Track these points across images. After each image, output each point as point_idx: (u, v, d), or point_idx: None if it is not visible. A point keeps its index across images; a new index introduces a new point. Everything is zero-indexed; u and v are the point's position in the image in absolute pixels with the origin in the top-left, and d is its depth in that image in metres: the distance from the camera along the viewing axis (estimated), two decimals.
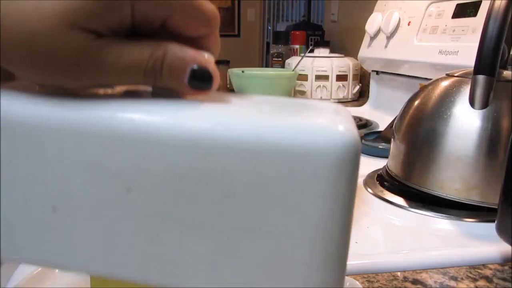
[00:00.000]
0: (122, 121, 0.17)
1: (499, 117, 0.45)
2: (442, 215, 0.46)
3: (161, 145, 0.17)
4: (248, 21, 4.54)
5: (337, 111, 0.20)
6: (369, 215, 0.48)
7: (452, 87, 0.51)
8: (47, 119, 0.18)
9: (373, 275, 0.34)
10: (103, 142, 0.18)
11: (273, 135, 0.17)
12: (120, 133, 0.17)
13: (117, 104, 0.18)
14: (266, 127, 0.17)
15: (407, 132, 0.53)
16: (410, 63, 0.94)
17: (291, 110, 0.20)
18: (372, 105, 1.18)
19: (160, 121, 0.17)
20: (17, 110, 0.18)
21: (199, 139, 0.17)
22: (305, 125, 0.17)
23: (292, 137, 0.17)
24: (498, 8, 0.44)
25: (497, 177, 0.43)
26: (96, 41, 0.17)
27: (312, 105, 0.21)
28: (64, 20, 0.16)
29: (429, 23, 0.90)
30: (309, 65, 1.31)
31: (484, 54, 0.45)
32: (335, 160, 0.17)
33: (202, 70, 0.19)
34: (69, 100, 0.18)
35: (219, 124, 0.17)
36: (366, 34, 1.11)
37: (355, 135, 0.17)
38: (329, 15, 1.84)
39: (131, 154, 0.18)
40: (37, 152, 0.18)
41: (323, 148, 0.17)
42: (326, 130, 0.17)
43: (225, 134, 0.17)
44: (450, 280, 0.34)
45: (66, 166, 0.18)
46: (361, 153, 0.17)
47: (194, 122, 0.17)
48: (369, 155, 0.71)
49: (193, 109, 0.18)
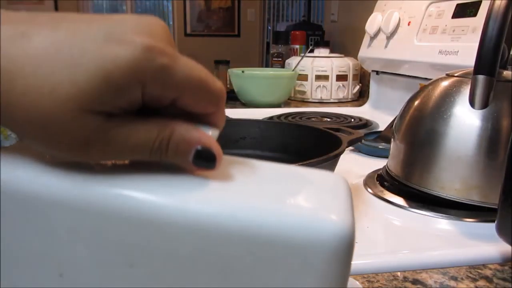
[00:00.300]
0: (127, 200, 0.18)
1: (499, 117, 0.45)
2: (442, 215, 0.46)
3: (164, 227, 0.18)
4: (248, 21, 4.54)
5: (336, 189, 0.21)
6: (369, 215, 0.48)
7: (452, 87, 0.51)
8: (56, 193, 0.19)
9: (373, 275, 0.34)
10: (108, 218, 0.18)
11: (273, 225, 0.18)
12: (125, 211, 0.18)
13: (123, 181, 0.19)
14: (267, 217, 0.18)
15: (407, 132, 0.53)
16: (410, 63, 0.94)
17: (290, 191, 0.21)
18: (372, 105, 1.18)
19: (164, 203, 0.18)
20: (21, 181, 0.19)
21: (201, 223, 0.18)
22: (302, 215, 0.18)
23: (290, 228, 0.18)
24: (498, 8, 0.44)
25: (497, 177, 0.43)
26: (107, 123, 0.18)
27: (311, 180, 0.22)
28: (77, 104, 0.17)
29: (429, 23, 0.90)
30: (309, 65, 1.31)
31: (484, 54, 0.45)
32: (328, 252, 0.18)
33: (206, 151, 0.20)
34: (76, 173, 0.19)
35: (222, 209, 0.18)
36: (366, 34, 1.11)
37: (348, 225, 0.18)
38: (329, 15, 1.84)
39: (135, 232, 0.18)
40: (45, 223, 0.19)
41: (318, 241, 0.17)
42: (322, 222, 0.18)
43: (228, 220, 0.18)
44: (450, 280, 0.34)
45: (72, 238, 0.19)
46: (354, 240, 0.18)
47: (198, 205, 0.18)
48: (369, 155, 0.71)
49: (197, 189, 0.19)
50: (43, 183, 0.19)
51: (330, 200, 0.20)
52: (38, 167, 0.19)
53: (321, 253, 0.17)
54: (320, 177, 0.22)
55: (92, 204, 0.18)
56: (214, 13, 4.52)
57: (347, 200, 0.20)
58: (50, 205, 0.19)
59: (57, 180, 0.19)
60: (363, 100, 1.30)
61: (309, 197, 0.20)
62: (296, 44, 1.61)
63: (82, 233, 0.19)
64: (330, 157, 0.44)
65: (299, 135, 0.58)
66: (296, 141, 0.58)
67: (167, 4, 4.64)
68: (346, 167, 0.62)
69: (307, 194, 0.20)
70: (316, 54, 1.35)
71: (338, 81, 1.31)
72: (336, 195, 0.20)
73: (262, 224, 0.18)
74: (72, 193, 0.18)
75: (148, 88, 0.18)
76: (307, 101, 1.33)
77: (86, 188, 0.19)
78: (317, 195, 0.20)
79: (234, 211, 0.18)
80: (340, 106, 1.28)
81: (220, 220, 0.18)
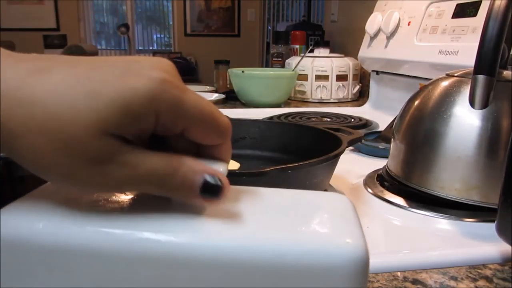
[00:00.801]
0: (149, 242, 0.19)
1: (499, 117, 0.45)
2: (442, 215, 0.46)
3: (191, 264, 0.18)
4: (248, 21, 4.54)
5: (345, 211, 0.22)
6: (369, 215, 0.48)
7: (452, 87, 0.51)
8: (65, 240, 0.19)
9: (373, 275, 0.34)
10: (122, 262, 0.19)
11: (292, 255, 0.18)
12: (147, 254, 0.19)
13: (138, 223, 0.19)
14: (284, 247, 0.19)
15: (407, 132, 0.53)
16: (410, 63, 0.94)
17: (303, 218, 0.21)
18: (372, 105, 1.18)
19: (187, 242, 0.19)
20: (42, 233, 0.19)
21: (225, 260, 0.18)
22: (319, 243, 0.19)
23: (309, 256, 0.18)
24: (498, 8, 0.44)
25: (497, 177, 0.43)
26: (123, 147, 0.20)
27: (319, 204, 0.23)
28: (98, 128, 0.19)
29: (429, 23, 0.90)
30: (309, 65, 1.31)
31: (484, 54, 0.45)
32: (348, 274, 0.18)
33: (213, 184, 0.21)
34: (83, 216, 0.20)
35: (244, 244, 0.19)
36: (366, 34, 1.11)
37: (363, 247, 0.19)
38: (329, 15, 1.84)
39: (159, 273, 0.19)
40: (56, 269, 0.19)
41: (337, 265, 0.18)
42: (339, 247, 0.19)
43: (251, 255, 0.19)
44: (450, 280, 0.34)
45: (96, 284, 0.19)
46: (369, 261, 0.19)
47: (221, 242, 0.19)
48: (369, 155, 0.71)
49: (214, 225, 0.20)
50: (68, 233, 0.19)
51: (342, 223, 0.21)
52: (57, 217, 0.20)
53: (341, 276, 0.18)
54: (326, 200, 0.23)
55: (115, 249, 0.19)
56: (214, 13, 4.52)
57: (356, 221, 0.21)
58: (60, 251, 0.19)
59: (65, 223, 0.19)
60: (363, 100, 1.30)
61: (322, 223, 0.21)
62: (296, 44, 1.61)
63: (107, 280, 0.19)
64: (330, 157, 0.44)
65: (299, 135, 0.58)
66: (296, 141, 0.58)
67: (167, 4, 4.64)
68: (346, 167, 0.62)
69: (319, 220, 0.21)
70: (316, 54, 1.35)
71: (338, 81, 1.31)
72: (346, 218, 0.21)
73: (282, 255, 0.18)
74: (94, 240, 0.19)
75: (162, 116, 0.20)
76: (307, 101, 1.33)
77: (107, 234, 0.19)
78: (329, 220, 0.21)
79: (256, 245, 0.19)
80: (340, 106, 1.28)
81: (243, 255, 0.18)
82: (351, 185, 0.57)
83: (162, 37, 4.78)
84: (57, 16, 4.13)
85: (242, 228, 0.20)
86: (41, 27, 4.09)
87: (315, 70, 1.31)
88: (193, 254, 0.18)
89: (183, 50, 4.48)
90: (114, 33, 4.50)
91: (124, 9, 4.54)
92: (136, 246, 0.19)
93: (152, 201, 0.22)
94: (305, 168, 0.42)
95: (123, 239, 0.19)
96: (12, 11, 3.97)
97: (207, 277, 0.18)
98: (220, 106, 1.24)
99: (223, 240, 0.19)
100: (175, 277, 0.18)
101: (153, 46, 4.72)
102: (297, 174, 0.42)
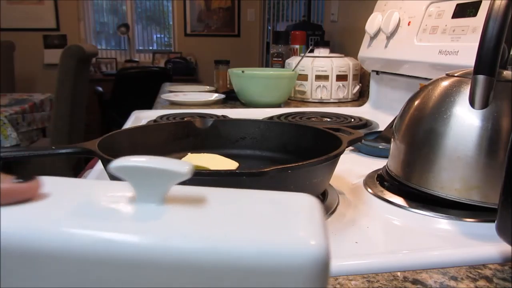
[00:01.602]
0: (107, 244, 0.19)
1: (499, 117, 0.45)
2: (442, 215, 0.46)
3: (146, 266, 0.18)
4: (248, 21, 4.54)
5: (309, 211, 0.22)
6: (369, 215, 0.48)
7: (452, 87, 0.51)
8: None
9: (373, 275, 0.34)
10: (87, 263, 0.19)
11: (252, 255, 0.18)
12: (107, 256, 0.19)
13: (92, 222, 0.19)
14: (244, 248, 0.19)
15: (407, 132, 0.53)
16: (410, 63, 0.94)
17: (264, 220, 0.21)
18: (372, 105, 1.18)
19: (143, 243, 0.19)
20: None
21: (183, 260, 0.18)
22: (280, 243, 0.19)
23: (270, 257, 0.18)
24: (498, 8, 0.44)
25: (497, 177, 0.43)
26: None
27: (283, 204, 0.23)
28: None
29: (429, 23, 0.90)
30: (309, 65, 1.31)
31: (484, 54, 0.45)
32: (309, 274, 0.18)
33: None
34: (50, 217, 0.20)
35: (202, 244, 0.19)
36: (366, 34, 1.11)
37: (324, 247, 0.19)
38: (329, 15, 1.84)
39: (108, 275, 0.19)
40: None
41: (298, 265, 0.18)
42: (300, 247, 0.19)
43: (209, 254, 0.18)
44: (450, 280, 0.34)
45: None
46: (330, 262, 0.19)
47: (178, 242, 0.19)
48: (369, 155, 0.71)
49: (175, 224, 0.20)
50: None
51: (305, 224, 0.20)
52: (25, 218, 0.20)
53: (303, 277, 0.18)
54: (292, 200, 0.23)
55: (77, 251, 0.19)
56: (214, 13, 4.52)
57: (321, 221, 0.21)
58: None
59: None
60: (363, 100, 1.30)
61: (284, 223, 0.21)
62: (296, 44, 1.62)
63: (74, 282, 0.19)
64: (330, 157, 0.44)
65: (299, 135, 0.58)
66: (296, 141, 0.58)
67: (167, 4, 4.63)
68: (346, 167, 0.62)
69: (282, 220, 0.21)
70: (316, 54, 1.35)
71: (338, 81, 1.31)
72: (310, 219, 0.21)
73: (241, 256, 0.18)
74: (57, 242, 0.19)
75: None
76: (307, 101, 1.33)
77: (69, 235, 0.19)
78: (291, 220, 0.21)
79: (214, 245, 0.19)
80: (340, 106, 1.28)
81: (201, 256, 0.18)
82: (351, 185, 0.57)
83: (162, 37, 4.77)
84: (57, 16, 4.13)
85: (201, 229, 0.20)
86: (41, 27, 4.09)
87: (315, 70, 1.31)
88: (148, 255, 0.18)
89: (183, 50, 4.47)
90: (114, 33, 4.49)
91: (124, 9, 4.54)
92: (97, 247, 0.18)
93: (115, 201, 0.21)
94: (305, 168, 0.42)
95: (84, 240, 0.19)
96: (12, 11, 3.97)
97: (163, 278, 0.18)
98: (220, 106, 1.24)
99: (179, 241, 0.19)
100: (133, 279, 0.18)
101: (153, 46, 4.71)
102: (297, 174, 0.42)
